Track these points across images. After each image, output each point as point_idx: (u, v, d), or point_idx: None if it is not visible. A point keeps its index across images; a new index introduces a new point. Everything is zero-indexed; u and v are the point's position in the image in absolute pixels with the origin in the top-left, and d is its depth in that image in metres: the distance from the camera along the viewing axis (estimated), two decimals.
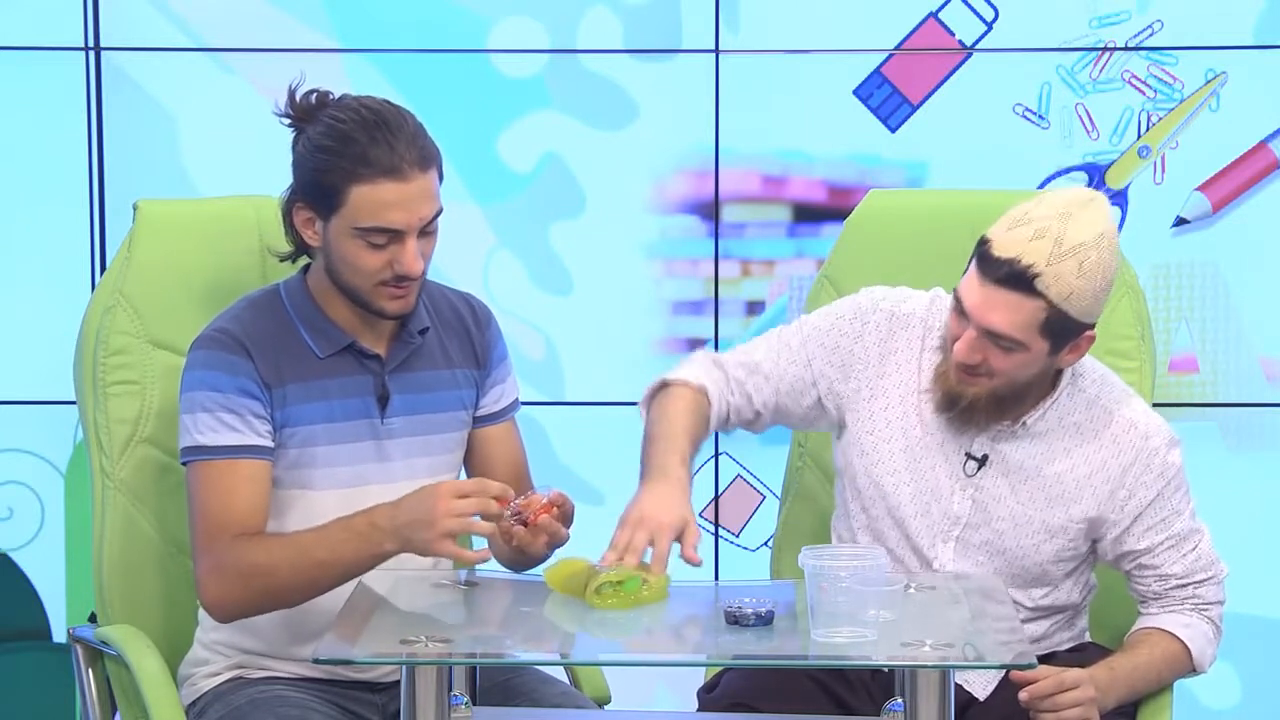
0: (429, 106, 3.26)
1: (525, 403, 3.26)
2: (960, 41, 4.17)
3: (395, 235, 2.93)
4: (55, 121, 4.19)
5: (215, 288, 3.22)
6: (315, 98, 2.98)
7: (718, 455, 4.27)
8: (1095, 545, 3.08)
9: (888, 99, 4.18)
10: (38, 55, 4.18)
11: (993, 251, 2.91)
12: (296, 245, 3.04)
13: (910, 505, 3.07)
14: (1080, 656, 3.08)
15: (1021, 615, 3.05)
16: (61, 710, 4.28)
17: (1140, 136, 4.18)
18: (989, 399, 3.00)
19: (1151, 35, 4.14)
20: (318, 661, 2.64)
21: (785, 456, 3.45)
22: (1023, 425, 3.05)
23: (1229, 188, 4.18)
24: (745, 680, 3.06)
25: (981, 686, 3.06)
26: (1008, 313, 2.91)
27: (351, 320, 3.03)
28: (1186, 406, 4.14)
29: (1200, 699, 4.21)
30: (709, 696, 3.10)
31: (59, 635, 4.29)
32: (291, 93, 2.99)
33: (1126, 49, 4.15)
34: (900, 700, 2.71)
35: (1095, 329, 2.98)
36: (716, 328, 4.21)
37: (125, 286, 3.22)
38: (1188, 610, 3.07)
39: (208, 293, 3.22)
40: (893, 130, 4.19)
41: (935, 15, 4.16)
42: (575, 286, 4.24)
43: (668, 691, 4.14)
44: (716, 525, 4.28)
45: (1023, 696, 2.92)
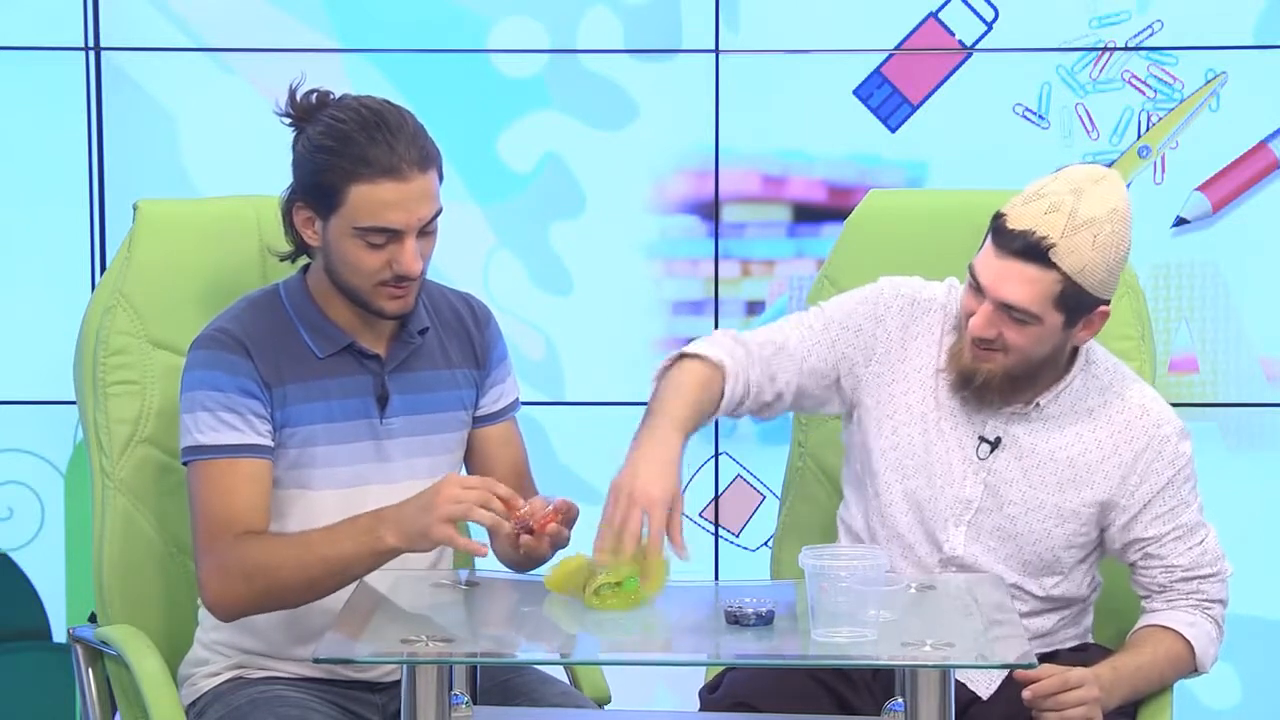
0: (429, 106, 3.26)
1: (525, 403, 3.26)
2: (960, 41, 4.17)
3: (394, 235, 2.93)
4: (55, 121, 4.18)
5: (215, 288, 3.22)
6: (315, 97, 2.98)
7: (718, 455, 4.26)
8: (1103, 534, 3.09)
9: (888, 99, 4.18)
10: (38, 55, 4.17)
11: (1008, 224, 2.94)
12: (296, 245, 3.04)
13: (925, 490, 3.07)
14: (1083, 656, 3.08)
15: (1031, 606, 3.06)
16: (61, 710, 4.28)
17: (1140, 136, 4.17)
18: (1003, 377, 3.02)
19: (1151, 35, 4.14)
20: (318, 661, 2.63)
21: (785, 456, 3.45)
22: (1036, 407, 3.06)
23: (1229, 188, 4.18)
24: (748, 680, 3.06)
25: (984, 685, 3.05)
26: (1023, 285, 2.93)
27: (351, 320, 3.03)
28: (1186, 406, 4.13)
29: (1200, 699, 4.20)
30: (711, 696, 3.10)
31: (59, 635, 4.29)
32: (292, 92, 2.99)
33: (1126, 49, 4.15)
34: (901, 700, 2.72)
35: (1110, 305, 2.99)
36: (716, 328, 4.20)
37: (125, 286, 3.21)
38: (1191, 607, 3.07)
39: (208, 293, 3.22)
40: (893, 130, 4.19)
41: (935, 15, 4.16)
42: (575, 286, 4.24)
43: (668, 691, 4.14)
44: (716, 525, 4.27)
45: (1026, 695, 2.92)
